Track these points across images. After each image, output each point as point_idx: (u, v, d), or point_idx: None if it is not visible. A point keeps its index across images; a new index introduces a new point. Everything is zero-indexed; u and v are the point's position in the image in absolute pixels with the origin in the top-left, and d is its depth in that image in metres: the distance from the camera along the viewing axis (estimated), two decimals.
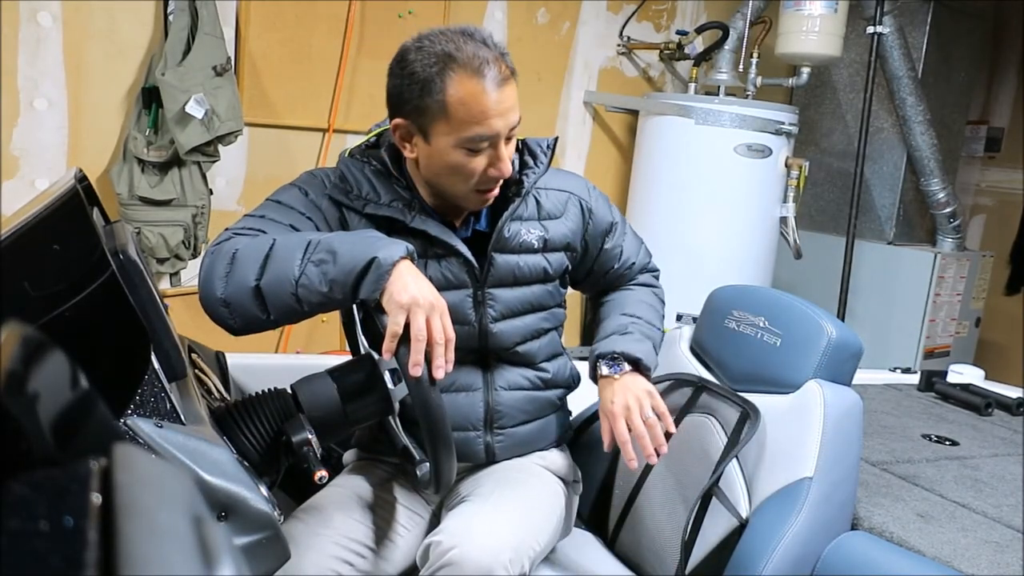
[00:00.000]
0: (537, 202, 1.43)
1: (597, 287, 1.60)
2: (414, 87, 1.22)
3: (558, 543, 1.50)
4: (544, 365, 1.48)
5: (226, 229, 1.27)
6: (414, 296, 1.11)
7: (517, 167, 1.39)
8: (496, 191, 1.34)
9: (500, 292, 1.40)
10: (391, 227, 1.33)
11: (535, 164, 1.42)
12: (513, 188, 1.39)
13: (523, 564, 1.23)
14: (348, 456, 1.54)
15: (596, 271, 1.55)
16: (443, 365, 1.13)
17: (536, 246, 1.41)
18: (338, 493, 1.38)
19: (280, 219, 1.28)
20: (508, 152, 1.29)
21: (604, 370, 1.39)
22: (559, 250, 1.45)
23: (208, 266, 1.20)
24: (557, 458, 1.51)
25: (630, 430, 1.31)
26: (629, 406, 1.32)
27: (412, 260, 1.17)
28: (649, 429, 1.31)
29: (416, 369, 1.11)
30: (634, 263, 1.57)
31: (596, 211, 1.50)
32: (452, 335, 1.15)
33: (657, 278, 1.63)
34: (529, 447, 1.48)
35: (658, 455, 1.30)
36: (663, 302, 1.60)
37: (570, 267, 1.49)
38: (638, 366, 1.39)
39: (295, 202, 1.32)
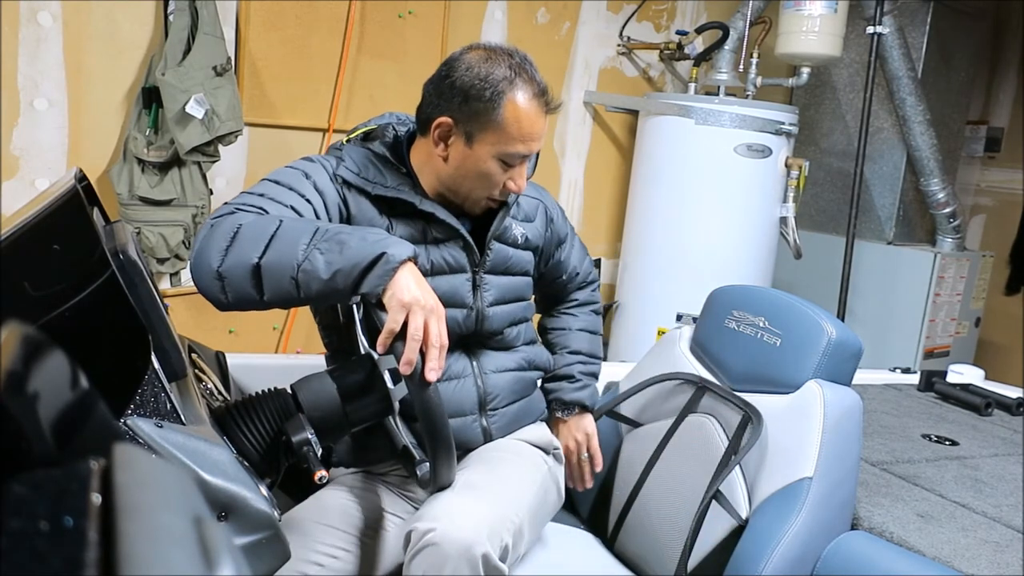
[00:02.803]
0: (518, 205, 1.53)
1: (544, 291, 1.72)
2: (474, 93, 1.31)
3: (557, 537, 1.50)
4: (524, 348, 1.56)
5: (226, 203, 1.26)
6: (416, 297, 1.13)
7: None
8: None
9: (494, 279, 1.48)
10: (394, 210, 1.37)
11: None
12: None
13: (502, 536, 1.24)
14: (332, 472, 1.54)
15: (545, 276, 1.66)
16: (436, 368, 1.15)
17: (520, 242, 1.52)
18: (315, 505, 1.40)
19: (281, 200, 1.28)
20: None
21: (558, 413, 1.67)
22: (531, 249, 1.56)
23: (206, 237, 1.19)
24: (533, 430, 1.57)
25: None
26: (572, 449, 1.67)
27: (416, 263, 1.19)
28: (582, 465, 1.69)
29: (407, 367, 1.12)
30: (579, 273, 1.71)
31: (555, 221, 1.63)
32: (446, 341, 1.17)
33: (595, 290, 1.78)
34: (518, 423, 1.54)
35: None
36: (599, 314, 1.78)
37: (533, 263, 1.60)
38: (585, 408, 1.67)
39: (296, 183, 1.32)
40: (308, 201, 1.31)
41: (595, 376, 1.71)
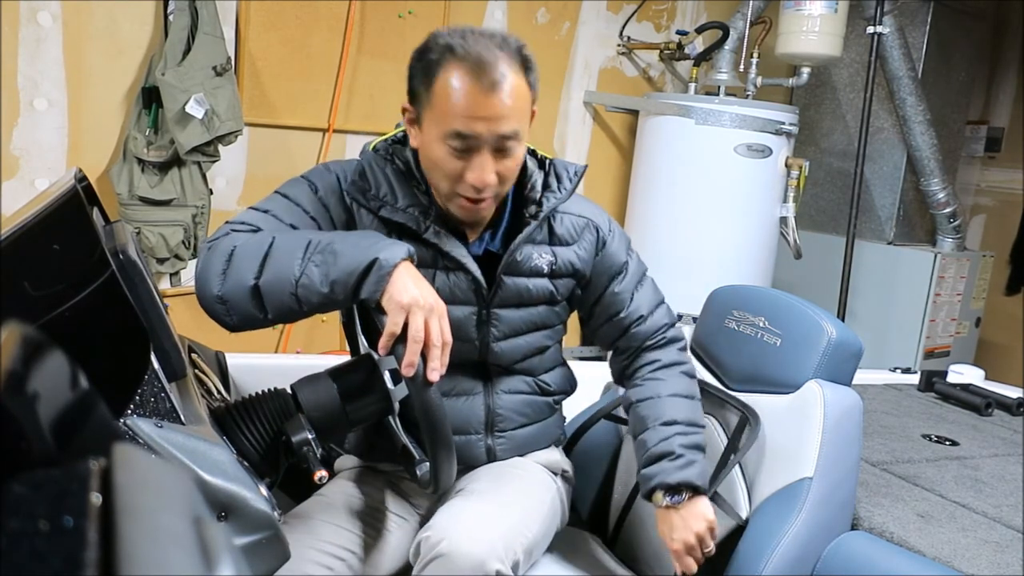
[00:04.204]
0: (550, 227, 1.40)
1: (606, 338, 1.50)
2: (419, 72, 1.23)
3: (557, 537, 1.50)
4: (544, 377, 1.48)
5: (225, 223, 1.26)
6: (414, 297, 1.11)
7: (539, 188, 1.37)
8: (485, 207, 1.28)
9: (505, 313, 1.39)
10: (402, 233, 1.31)
11: (558, 188, 1.38)
12: (532, 209, 1.36)
13: (515, 551, 1.23)
14: (340, 463, 1.54)
15: (599, 312, 1.47)
16: (438, 368, 1.13)
17: (545, 271, 1.39)
18: (322, 501, 1.38)
19: (283, 217, 1.27)
20: (505, 167, 1.25)
21: (665, 501, 1.36)
22: (567, 276, 1.42)
23: (204, 262, 1.19)
24: (544, 453, 1.51)
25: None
26: (692, 544, 1.34)
27: (412, 261, 1.16)
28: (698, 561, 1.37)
29: (409, 370, 1.11)
30: (643, 316, 1.46)
31: (610, 246, 1.45)
32: (449, 338, 1.14)
33: (684, 349, 1.51)
34: (528, 448, 1.48)
35: None
36: (694, 377, 1.50)
37: (579, 292, 1.46)
38: (697, 491, 1.37)
39: (302, 199, 1.30)
40: (313, 218, 1.29)
41: (700, 449, 1.39)
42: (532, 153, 1.39)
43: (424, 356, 1.12)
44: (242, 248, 1.18)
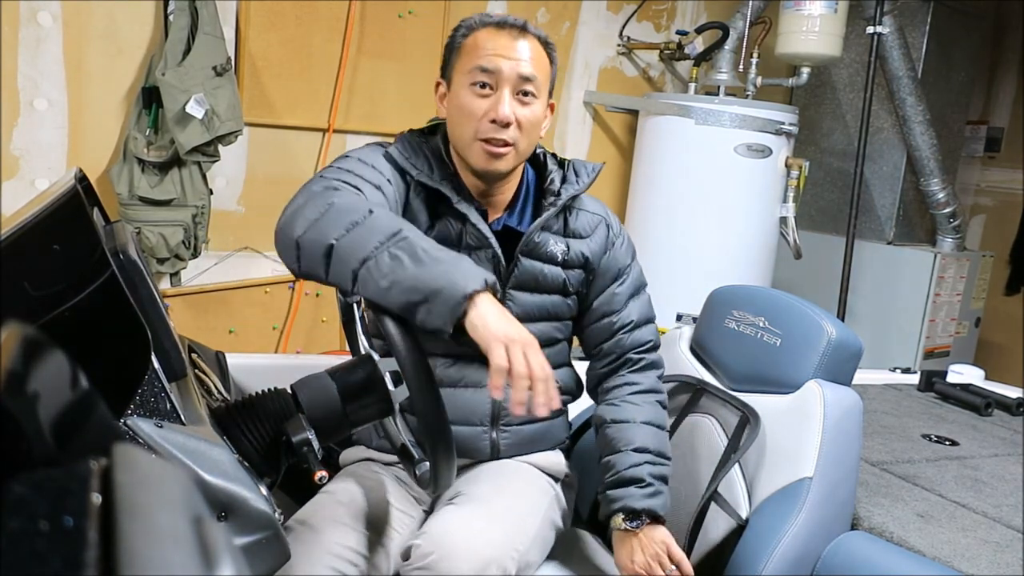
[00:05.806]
0: (566, 219, 1.47)
1: (594, 338, 1.53)
2: (451, 44, 1.38)
3: (557, 541, 1.50)
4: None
5: (320, 176, 1.26)
6: (508, 333, 1.06)
7: (558, 182, 1.46)
8: (504, 154, 1.34)
9: (521, 295, 1.42)
10: (436, 208, 1.38)
11: (576, 181, 1.48)
12: (551, 199, 1.44)
13: (507, 568, 1.23)
14: (345, 456, 1.54)
15: (594, 309, 1.50)
16: (546, 402, 1.07)
17: (558, 259, 1.44)
18: (329, 501, 1.38)
19: (371, 179, 1.28)
20: (524, 116, 1.33)
21: (623, 525, 1.39)
22: (578, 267, 1.47)
23: (298, 205, 1.19)
24: (548, 457, 1.51)
25: None
26: (649, 565, 1.36)
27: (495, 294, 1.11)
28: None
29: (520, 408, 1.06)
30: (634, 323, 1.50)
31: (618, 248, 1.51)
32: (550, 370, 1.09)
33: (661, 377, 1.54)
34: (532, 447, 1.48)
35: None
36: (666, 408, 1.52)
37: (584, 289, 1.49)
38: (657, 518, 1.39)
39: (380, 164, 1.33)
40: (389, 181, 1.32)
41: (665, 480, 1.42)
42: (552, 155, 1.51)
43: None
44: (339, 206, 1.16)
